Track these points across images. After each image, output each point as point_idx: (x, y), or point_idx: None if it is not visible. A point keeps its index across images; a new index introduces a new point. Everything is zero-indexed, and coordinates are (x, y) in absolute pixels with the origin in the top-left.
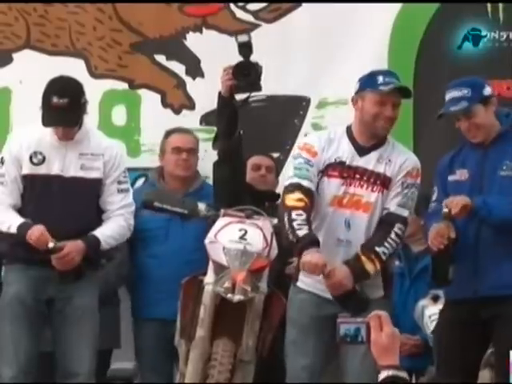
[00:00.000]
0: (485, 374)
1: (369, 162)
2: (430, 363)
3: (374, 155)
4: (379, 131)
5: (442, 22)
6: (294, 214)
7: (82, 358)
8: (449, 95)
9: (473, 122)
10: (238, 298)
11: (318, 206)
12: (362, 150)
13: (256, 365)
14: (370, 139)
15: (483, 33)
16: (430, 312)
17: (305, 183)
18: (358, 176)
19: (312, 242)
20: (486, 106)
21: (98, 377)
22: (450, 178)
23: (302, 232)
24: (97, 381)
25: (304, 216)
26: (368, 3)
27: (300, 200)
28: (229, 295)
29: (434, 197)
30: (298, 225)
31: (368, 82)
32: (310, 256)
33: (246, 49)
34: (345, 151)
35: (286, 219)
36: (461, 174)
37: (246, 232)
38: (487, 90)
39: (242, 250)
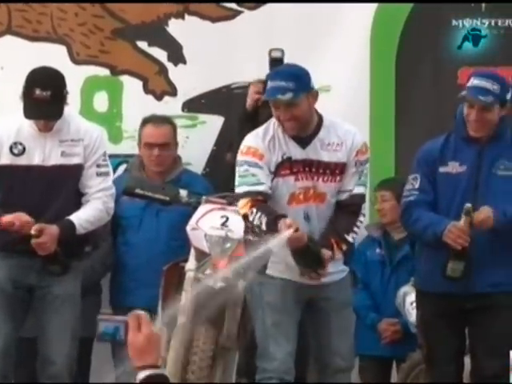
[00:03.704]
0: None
1: (313, 151)
2: (410, 349)
3: (315, 143)
4: (289, 133)
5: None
6: (250, 218)
7: (60, 346)
8: (477, 82)
9: (487, 118)
10: (219, 284)
11: (275, 207)
12: (302, 141)
13: (239, 351)
14: (304, 130)
15: (483, 32)
16: (412, 299)
17: (251, 189)
18: (307, 169)
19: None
20: (501, 107)
21: (79, 365)
22: (442, 169)
23: (264, 220)
24: (78, 368)
25: (255, 209)
26: None
27: (247, 203)
28: (210, 282)
29: (417, 185)
30: (258, 218)
31: None
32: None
33: (277, 64)
34: (287, 146)
35: (248, 226)
36: (453, 167)
37: (227, 219)
38: (509, 95)
39: (224, 237)
